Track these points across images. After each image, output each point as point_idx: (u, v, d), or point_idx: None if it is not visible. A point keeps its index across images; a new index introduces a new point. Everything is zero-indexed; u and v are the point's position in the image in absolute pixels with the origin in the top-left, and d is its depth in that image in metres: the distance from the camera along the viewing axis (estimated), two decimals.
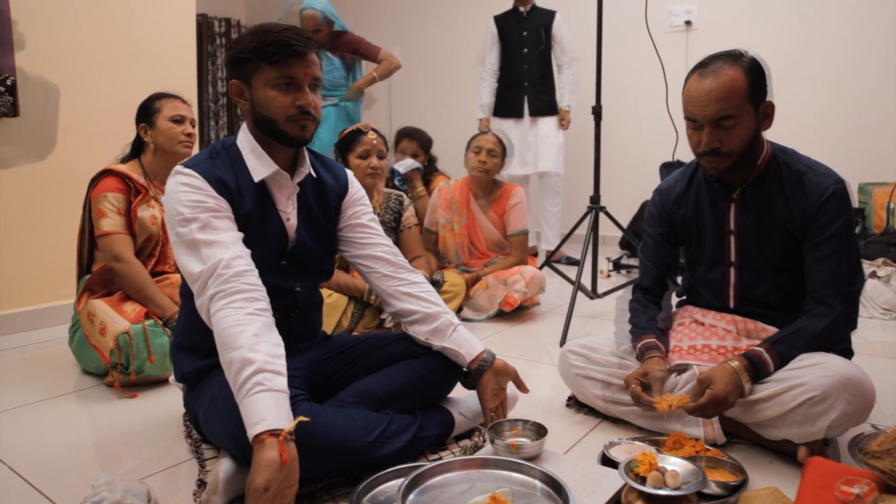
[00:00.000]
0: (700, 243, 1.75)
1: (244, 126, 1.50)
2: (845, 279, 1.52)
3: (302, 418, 1.19)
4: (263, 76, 1.40)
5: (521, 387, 1.60)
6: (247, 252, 1.38)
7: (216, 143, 1.51)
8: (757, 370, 1.48)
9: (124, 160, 2.31)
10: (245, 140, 1.49)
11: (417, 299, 1.60)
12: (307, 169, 1.54)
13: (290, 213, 1.52)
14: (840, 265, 1.53)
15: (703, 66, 1.55)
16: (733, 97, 1.50)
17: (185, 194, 1.37)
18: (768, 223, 1.62)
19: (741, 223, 1.66)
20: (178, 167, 1.41)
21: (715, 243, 1.70)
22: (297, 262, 1.55)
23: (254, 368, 1.18)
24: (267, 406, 1.16)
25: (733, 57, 1.53)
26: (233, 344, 1.22)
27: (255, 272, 1.36)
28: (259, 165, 1.46)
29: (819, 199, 1.54)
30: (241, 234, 1.40)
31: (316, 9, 3.71)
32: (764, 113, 1.57)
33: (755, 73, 1.53)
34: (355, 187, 1.68)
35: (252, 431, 1.14)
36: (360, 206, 1.67)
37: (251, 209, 1.45)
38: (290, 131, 1.43)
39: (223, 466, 1.33)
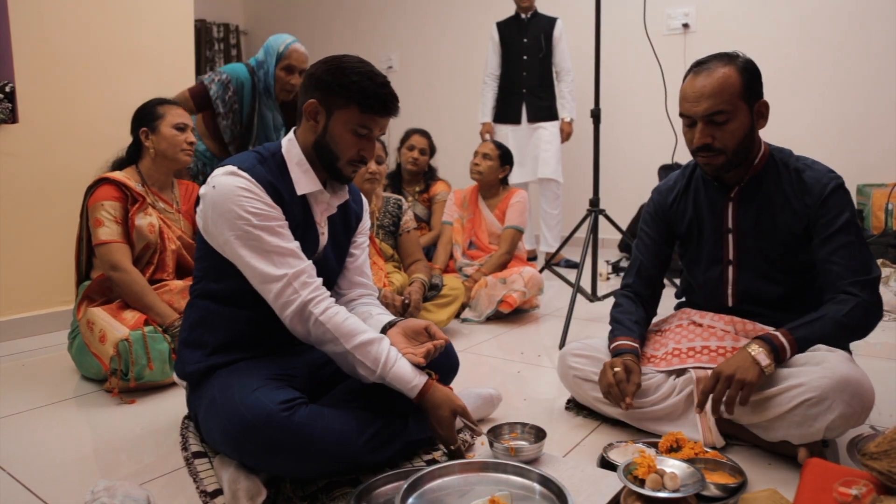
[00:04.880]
0: (699, 243, 1.76)
1: (291, 137, 1.53)
2: (863, 267, 1.52)
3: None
4: (347, 115, 1.45)
5: (437, 335, 1.54)
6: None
7: (261, 148, 1.53)
8: (774, 348, 1.45)
9: (120, 166, 2.29)
10: (292, 152, 1.51)
11: None
12: (346, 195, 1.61)
13: (323, 228, 1.58)
14: (854, 254, 1.53)
15: (698, 66, 1.59)
16: (725, 93, 1.53)
17: (248, 200, 1.39)
18: (768, 221, 1.63)
19: (740, 221, 1.67)
20: (232, 167, 1.42)
21: (713, 242, 1.72)
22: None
23: (388, 341, 1.45)
24: (412, 367, 1.44)
25: (728, 57, 1.57)
26: (359, 329, 1.43)
27: None
28: (304, 180, 1.50)
29: (821, 193, 1.56)
30: (298, 243, 1.47)
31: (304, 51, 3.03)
32: (759, 112, 1.59)
33: (749, 73, 1.56)
34: (367, 214, 1.76)
35: (414, 384, 1.42)
36: (365, 236, 1.75)
37: (299, 220, 1.50)
38: (345, 171, 1.52)
39: (229, 476, 1.35)
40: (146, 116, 2.27)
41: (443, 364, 1.62)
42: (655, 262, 1.84)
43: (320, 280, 1.45)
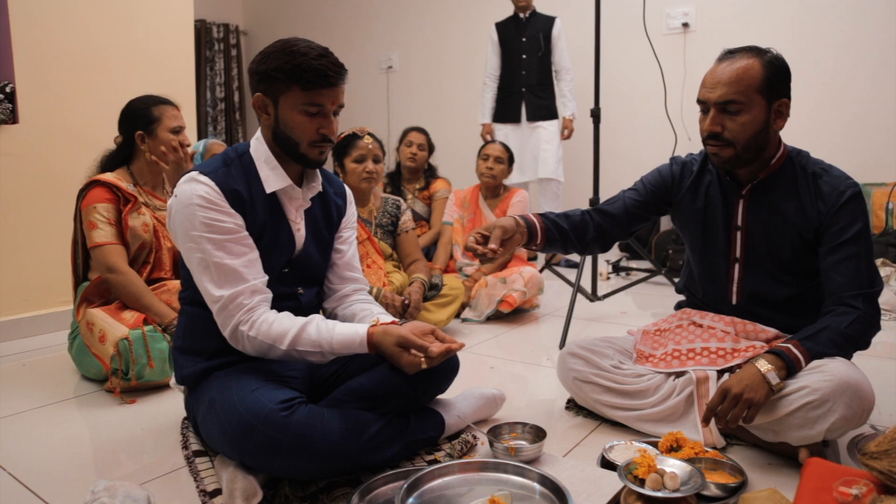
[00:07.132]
0: (707, 236, 1.73)
1: (258, 135, 1.52)
2: (866, 280, 1.50)
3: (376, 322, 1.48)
4: (292, 99, 1.42)
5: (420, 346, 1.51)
6: (262, 276, 1.45)
7: (229, 149, 1.52)
8: (787, 364, 1.43)
9: (111, 166, 2.26)
10: (259, 150, 1.50)
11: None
12: (319, 186, 1.58)
13: (299, 224, 1.56)
14: (860, 267, 1.51)
15: (725, 54, 1.58)
16: (741, 84, 1.51)
17: (201, 210, 1.38)
18: (778, 223, 1.61)
19: (749, 220, 1.65)
20: (194, 173, 1.42)
21: (722, 237, 1.70)
22: (298, 270, 1.58)
23: (317, 319, 1.45)
24: (349, 325, 1.45)
25: (757, 50, 1.55)
26: (286, 325, 1.42)
27: (270, 298, 1.46)
28: (273, 177, 1.49)
29: (836, 202, 1.53)
30: (256, 255, 1.44)
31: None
32: (777, 111, 1.56)
33: (774, 69, 1.53)
34: (352, 207, 1.74)
35: (361, 338, 1.42)
36: (352, 230, 1.73)
37: (264, 219, 1.48)
38: (310, 155, 1.48)
39: (227, 475, 1.34)
40: (141, 119, 2.22)
41: (443, 364, 1.62)
42: (630, 208, 1.80)
43: (258, 298, 1.43)
